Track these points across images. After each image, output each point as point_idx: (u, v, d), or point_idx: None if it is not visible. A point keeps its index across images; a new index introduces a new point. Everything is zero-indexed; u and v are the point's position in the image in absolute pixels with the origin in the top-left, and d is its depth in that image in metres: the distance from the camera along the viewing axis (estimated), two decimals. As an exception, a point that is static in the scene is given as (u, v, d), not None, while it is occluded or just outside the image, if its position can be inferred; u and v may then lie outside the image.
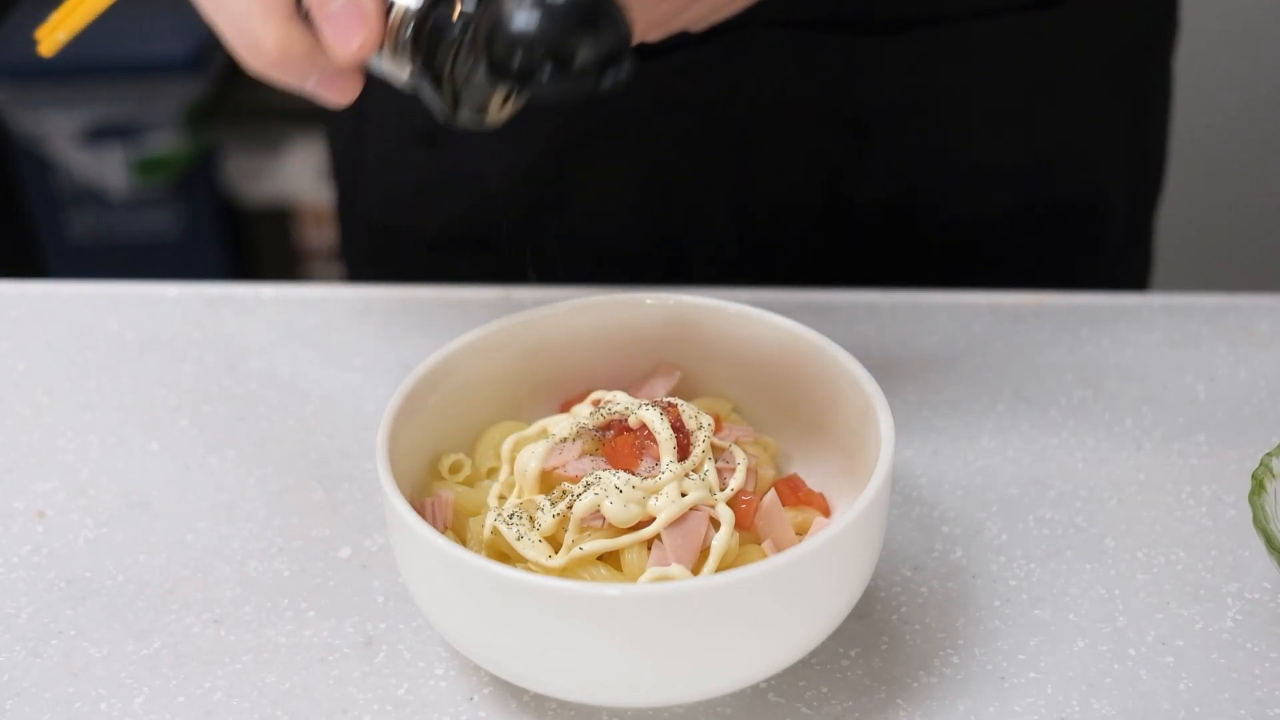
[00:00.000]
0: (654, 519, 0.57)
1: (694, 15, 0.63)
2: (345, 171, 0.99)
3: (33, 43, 0.62)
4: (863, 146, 0.88)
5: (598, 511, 0.57)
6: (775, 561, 0.53)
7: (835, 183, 0.89)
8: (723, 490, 0.59)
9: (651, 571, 0.56)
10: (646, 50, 0.85)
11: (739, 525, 0.58)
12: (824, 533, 0.53)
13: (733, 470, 0.60)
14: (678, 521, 0.57)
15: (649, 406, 0.61)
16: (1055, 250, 0.94)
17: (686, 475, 0.59)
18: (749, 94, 0.86)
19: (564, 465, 0.60)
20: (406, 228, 0.94)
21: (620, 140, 0.87)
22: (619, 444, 0.60)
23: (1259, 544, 0.65)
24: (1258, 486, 0.61)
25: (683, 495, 0.58)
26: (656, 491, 0.58)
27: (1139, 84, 0.94)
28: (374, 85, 0.94)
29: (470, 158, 0.90)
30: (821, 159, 0.88)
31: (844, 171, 0.89)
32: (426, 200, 0.92)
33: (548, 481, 0.61)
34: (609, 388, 0.66)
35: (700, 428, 0.61)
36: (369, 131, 0.94)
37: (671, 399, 0.62)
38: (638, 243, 0.92)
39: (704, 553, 0.57)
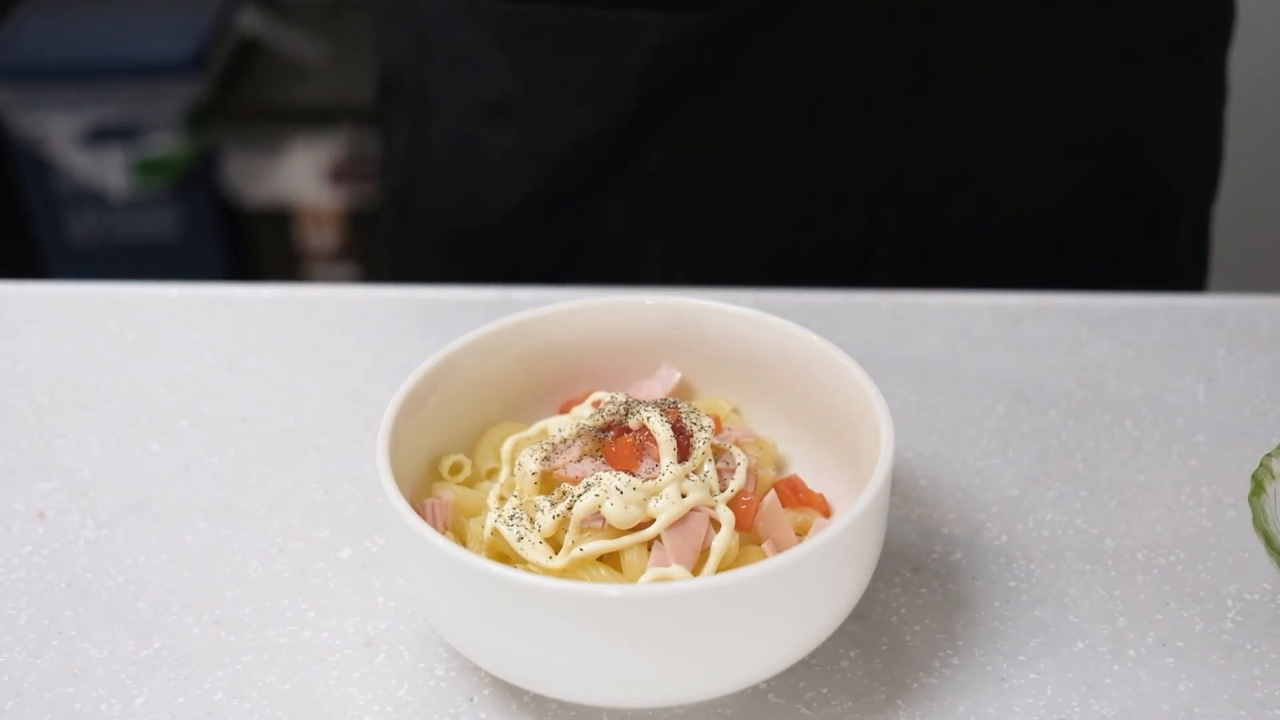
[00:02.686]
0: (654, 520, 0.57)
1: None
2: (410, 162, 0.97)
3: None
4: (925, 104, 0.86)
5: (598, 512, 0.57)
6: (775, 562, 0.53)
7: (896, 153, 0.88)
8: (723, 491, 0.59)
9: (651, 572, 0.56)
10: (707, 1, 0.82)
11: (739, 526, 0.59)
12: (824, 533, 0.53)
13: (733, 471, 0.60)
14: (678, 522, 0.57)
15: (649, 407, 0.61)
16: (1122, 237, 0.93)
17: (687, 476, 0.59)
18: (813, 48, 0.84)
19: (564, 466, 0.60)
20: (479, 206, 0.93)
21: (684, 107, 0.86)
22: (619, 445, 0.60)
23: (1259, 545, 0.65)
24: (1257, 488, 0.60)
25: (683, 496, 0.58)
26: (657, 493, 0.58)
27: (1201, 67, 0.92)
28: (439, 65, 0.91)
29: (539, 129, 0.89)
30: (884, 128, 0.87)
31: (898, 146, 0.87)
32: (499, 175, 0.91)
33: (548, 482, 0.61)
34: (609, 389, 0.66)
35: (700, 429, 0.61)
36: (436, 115, 0.92)
37: (671, 400, 0.62)
38: (704, 206, 0.91)
39: (704, 553, 0.57)
